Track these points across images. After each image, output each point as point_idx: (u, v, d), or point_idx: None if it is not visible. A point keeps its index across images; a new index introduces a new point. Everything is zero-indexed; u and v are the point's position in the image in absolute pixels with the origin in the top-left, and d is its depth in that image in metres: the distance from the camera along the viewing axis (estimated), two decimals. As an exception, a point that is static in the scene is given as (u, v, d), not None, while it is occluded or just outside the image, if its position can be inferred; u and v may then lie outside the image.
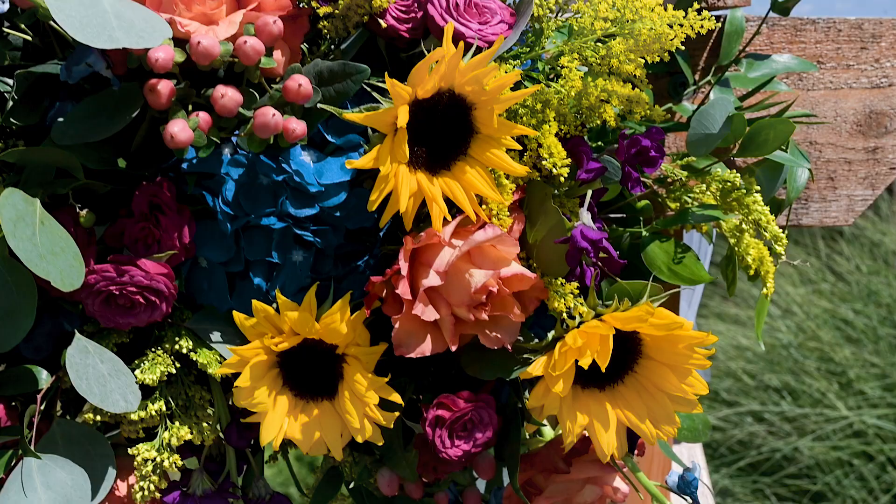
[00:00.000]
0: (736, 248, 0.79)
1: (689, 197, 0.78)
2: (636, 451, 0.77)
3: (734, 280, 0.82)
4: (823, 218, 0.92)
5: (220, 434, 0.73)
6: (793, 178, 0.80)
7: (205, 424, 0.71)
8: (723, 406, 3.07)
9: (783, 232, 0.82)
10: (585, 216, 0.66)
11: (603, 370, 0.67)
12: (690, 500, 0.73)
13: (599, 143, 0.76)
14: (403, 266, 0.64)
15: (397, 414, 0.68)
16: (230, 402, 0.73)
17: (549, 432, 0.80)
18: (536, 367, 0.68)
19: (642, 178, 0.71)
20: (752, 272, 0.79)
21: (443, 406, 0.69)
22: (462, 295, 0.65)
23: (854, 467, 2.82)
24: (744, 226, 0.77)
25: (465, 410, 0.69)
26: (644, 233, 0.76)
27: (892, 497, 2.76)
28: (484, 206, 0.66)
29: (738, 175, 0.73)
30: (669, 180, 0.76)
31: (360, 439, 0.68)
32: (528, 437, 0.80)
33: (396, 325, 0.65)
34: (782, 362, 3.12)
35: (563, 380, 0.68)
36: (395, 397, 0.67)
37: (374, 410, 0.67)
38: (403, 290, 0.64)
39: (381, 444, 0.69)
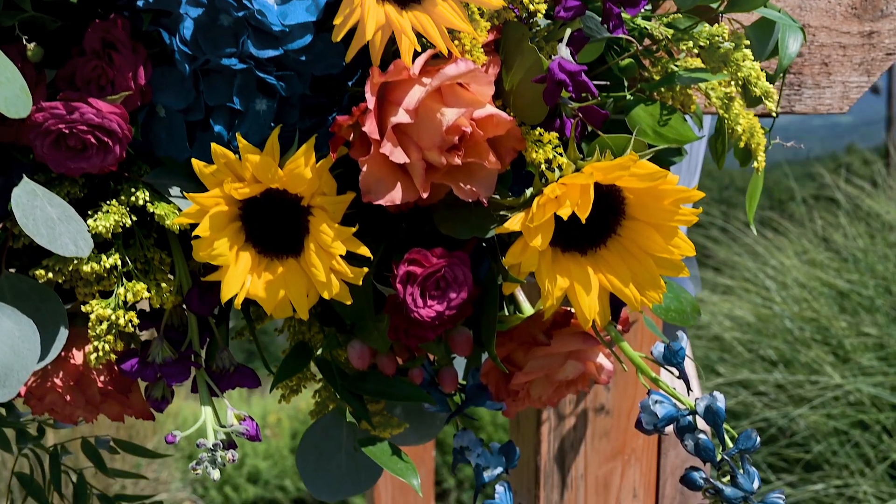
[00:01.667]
0: (726, 119, 0.76)
1: (675, 65, 0.74)
2: (620, 326, 0.73)
3: (723, 153, 0.79)
4: (817, 105, 0.88)
5: (182, 305, 0.70)
6: (784, 44, 0.76)
7: (164, 285, 0.67)
8: (715, 376, 3.04)
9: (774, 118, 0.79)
10: (564, 51, 0.62)
11: (583, 221, 0.63)
12: (677, 371, 0.70)
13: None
14: (370, 100, 0.60)
15: (366, 270, 0.64)
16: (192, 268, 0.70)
17: (528, 309, 0.76)
18: (514, 222, 0.64)
19: (626, 38, 0.67)
20: (742, 144, 0.76)
21: (415, 262, 0.66)
22: (433, 136, 0.62)
23: (849, 436, 2.78)
24: (733, 90, 0.74)
25: (438, 266, 0.65)
26: (628, 96, 0.72)
27: (889, 466, 2.73)
28: (457, 43, 0.63)
29: (726, 28, 0.70)
30: (654, 41, 0.73)
31: (326, 295, 0.64)
32: (507, 314, 0.77)
33: (364, 168, 0.62)
34: (777, 333, 3.08)
35: (542, 233, 0.64)
36: (364, 250, 0.64)
37: (340, 263, 0.63)
38: (371, 128, 0.61)
39: (349, 303, 0.65)
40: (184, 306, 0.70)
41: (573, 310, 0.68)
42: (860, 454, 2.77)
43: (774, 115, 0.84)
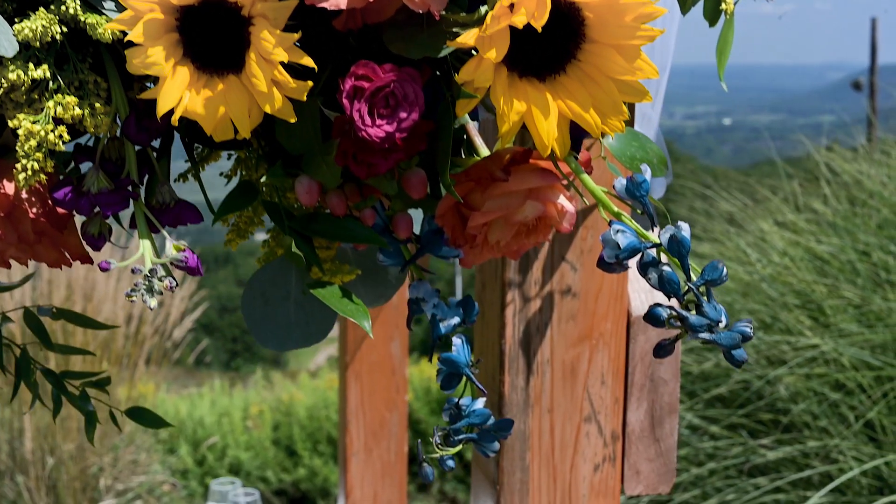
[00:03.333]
0: (692, -42, 0.73)
1: None
2: (582, 164, 0.70)
3: (689, -4, 0.76)
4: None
5: (120, 136, 0.66)
6: None
7: (98, 105, 0.63)
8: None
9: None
10: None
11: (539, 30, 0.60)
12: (640, 206, 0.66)
13: None
14: None
15: (310, 84, 0.61)
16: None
17: (485, 152, 0.73)
18: (467, 36, 0.61)
19: None
20: (708, -14, 0.73)
21: (362, 77, 0.62)
22: (380, -69, 0.58)
23: (827, 398, 2.77)
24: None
25: (386, 81, 0.62)
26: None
27: (864, 425, 2.71)
28: None
29: None
30: None
31: (268, 109, 0.61)
32: (463, 156, 0.73)
33: (306, -32, 0.58)
34: (756, 297, 3.06)
35: (497, 45, 0.61)
36: (307, 60, 0.60)
37: (282, 73, 0.60)
38: (313, -81, 0.57)
39: (293, 120, 0.62)
40: (121, 137, 0.66)
41: (532, 138, 0.65)
42: (839, 415, 2.75)
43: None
